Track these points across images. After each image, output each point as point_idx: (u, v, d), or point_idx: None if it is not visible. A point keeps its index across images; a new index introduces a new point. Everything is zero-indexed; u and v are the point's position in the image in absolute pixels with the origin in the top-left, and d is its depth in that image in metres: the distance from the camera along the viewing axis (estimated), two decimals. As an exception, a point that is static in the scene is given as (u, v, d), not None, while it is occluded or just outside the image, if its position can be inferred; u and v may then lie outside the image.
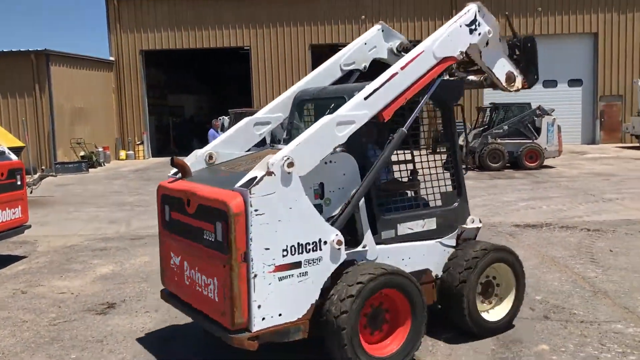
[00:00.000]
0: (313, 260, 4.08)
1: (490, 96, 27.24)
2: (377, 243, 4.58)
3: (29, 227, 8.66)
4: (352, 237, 4.45)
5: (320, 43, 28.98)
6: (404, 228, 4.77)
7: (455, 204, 5.11)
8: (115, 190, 16.63)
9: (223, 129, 20.36)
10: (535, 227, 9.70)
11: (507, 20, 6.24)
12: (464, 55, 4.96)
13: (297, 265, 4.03)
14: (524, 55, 5.56)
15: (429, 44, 4.73)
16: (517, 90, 5.54)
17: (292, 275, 4.01)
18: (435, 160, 5.40)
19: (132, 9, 29.02)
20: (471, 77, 5.69)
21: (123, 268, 7.81)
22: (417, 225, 4.85)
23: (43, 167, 21.63)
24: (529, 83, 5.56)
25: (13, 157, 8.54)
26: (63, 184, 18.51)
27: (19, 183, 8.32)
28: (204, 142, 31.71)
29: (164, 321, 5.66)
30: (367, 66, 5.64)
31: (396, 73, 4.51)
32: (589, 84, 28.84)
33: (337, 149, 4.33)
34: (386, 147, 4.49)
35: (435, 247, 4.90)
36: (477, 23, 4.97)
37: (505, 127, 18.83)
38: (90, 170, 22.89)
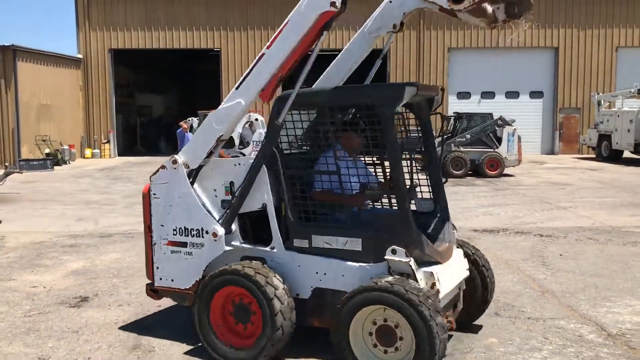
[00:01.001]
0: (196, 244, 4.86)
1: (455, 106, 28.02)
2: (289, 249, 4.61)
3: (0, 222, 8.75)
4: (268, 237, 4.73)
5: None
6: (319, 241, 4.49)
7: (390, 230, 4.38)
8: (82, 189, 16.64)
9: (192, 130, 20.52)
10: (492, 232, 10.19)
11: None
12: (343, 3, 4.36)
13: (184, 244, 4.91)
14: None
15: (295, 10, 4.49)
16: (470, 6, 4.22)
17: (180, 251, 4.93)
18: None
19: (101, 7, 28.90)
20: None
21: (94, 264, 7.99)
22: (337, 242, 4.43)
23: (7, 164, 21.42)
24: None
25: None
26: (28, 181, 18.38)
27: (-10, 179, 8.41)
28: (170, 142, 31.83)
29: (137, 314, 5.89)
30: (400, 23, 4.70)
31: (263, 54, 4.59)
32: (549, 96, 29.87)
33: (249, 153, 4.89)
34: (264, 141, 4.80)
35: (358, 271, 4.36)
36: None
37: (468, 136, 19.46)
38: (55, 168, 22.73)
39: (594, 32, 29.32)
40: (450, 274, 4.62)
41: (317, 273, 4.50)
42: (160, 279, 5.05)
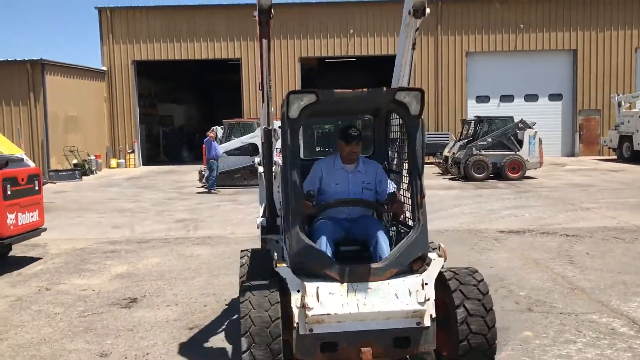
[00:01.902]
0: None
1: (474, 109, 28.19)
2: None
3: (45, 229, 9.16)
4: None
5: (310, 56, 29.73)
6: None
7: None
8: (112, 198, 17.08)
9: (216, 139, 20.94)
10: (518, 233, 10.39)
11: None
12: None
13: None
14: None
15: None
16: None
17: None
18: None
19: (124, 20, 29.55)
20: None
21: (136, 268, 8.34)
22: None
23: (38, 175, 21.96)
24: None
25: (31, 163, 9.07)
26: (59, 191, 18.90)
27: (36, 188, 8.82)
28: (193, 151, 32.25)
29: (186, 313, 6.21)
30: (414, 10, 4.38)
31: None
32: (569, 99, 29.88)
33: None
34: None
35: None
36: None
37: (489, 140, 19.65)
38: (83, 178, 23.26)
39: (612, 33, 29.30)
40: (358, 298, 3.93)
41: None
42: None
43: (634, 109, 26.58)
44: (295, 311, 3.86)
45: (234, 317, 5.93)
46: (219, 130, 20.96)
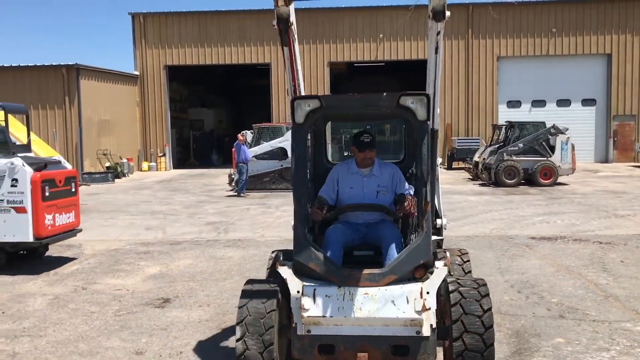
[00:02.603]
0: None
1: (505, 114, 27.90)
2: None
3: (81, 230, 9.39)
4: None
5: (339, 60, 29.81)
6: None
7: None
8: (144, 200, 17.37)
9: (245, 143, 21.16)
10: (550, 239, 10.27)
11: None
12: None
13: None
14: None
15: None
16: None
17: None
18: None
19: (157, 25, 30.08)
20: None
21: (169, 269, 8.49)
22: None
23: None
24: None
25: (68, 165, 9.30)
26: (92, 193, 19.31)
27: (73, 190, 9.05)
28: (223, 155, 32.59)
29: (218, 314, 6.31)
30: (435, 12, 4.14)
31: None
32: (602, 104, 29.38)
33: None
34: None
35: None
36: None
37: (521, 145, 19.44)
38: (115, 180, 23.72)
39: (648, 37, 28.76)
40: (354, 302, 3.93)
41: None
42: None
43: (670, 114, 26.04)
44: (294, 311, 3.96)
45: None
46: (248, 135, 21.17)
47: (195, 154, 34.73)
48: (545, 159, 19.32)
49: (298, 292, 3.97)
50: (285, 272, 4.09)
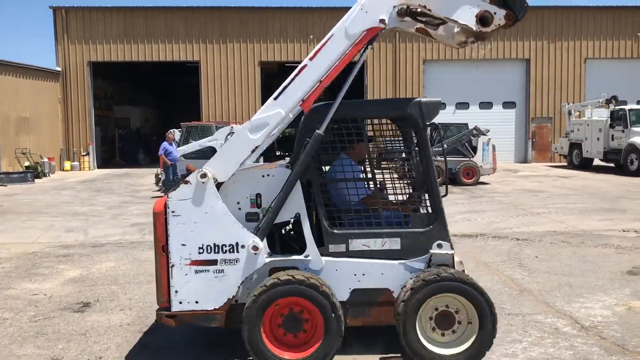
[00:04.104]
0: (230, 260, 4.61)
1: (431, 116, 28.62)
2: (325, 255, 4.78)
3: (-6, 233, 8.93)
4: (300, 247, 4.81)
5: (270, 60, 29.76)
6: (357, 244, 4.80)
7: (427, 228, 4.87)
8: (66, 201, 16.73)
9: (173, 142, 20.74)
10: (471, 236, 10.66)
11: None
12: (387, 23, 4.59)
13: (213, 262, 4.61)
14: None
15: (340, 25, 4.62)
16: (495, 29, 4.59)
17: (208, 270, 4.62)
18: (406, 179, 5.47)
19: (80, 19, 29.01)
20: (440, 32, 4.94)
21: (90, 272, 8.22)
22: (375, 244, 4.81)
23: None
24: (517, 13, 4.59)
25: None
26: (10, 194, 18.42)
27: (-14, 190, 8.60)
28: (149, 154, 31.84)
29: (140, 317, 6.18)
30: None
31: (305, 65, 4.63)
32: (522, 106, 30.74)
33: (281, 164, 4.84)
34: (302, 151, 4.65)
35: (398, 267, 4.80)
36: None
37: (444, 146, 20.00)
38: (35, 180, 22.70)
39: (563, 44, 30.33)
40: None
41: (355, 274, 4.78)
42: (180, 302, 4.61)
43: (583, 117, 27.54)
44: None
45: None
46: (176, 133, 20.77)
47: (121, 153, 33.75)
48: (467, 159, 19.99)
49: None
50: (455, 255, 4.88)
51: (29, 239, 10.87)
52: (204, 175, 4.58)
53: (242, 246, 4.61)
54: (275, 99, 4.64)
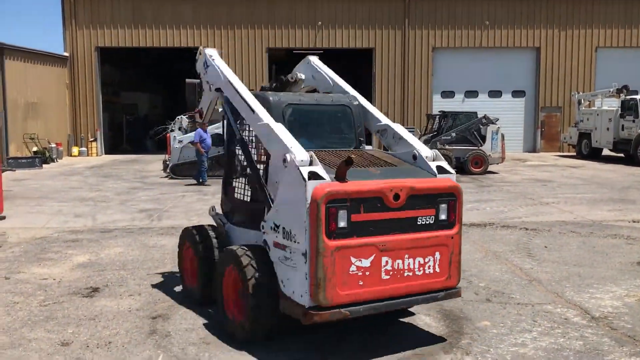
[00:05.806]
0: None
1: (439, 104, 28.53)
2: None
3: (4, 218, 9.01)
4: None
5: (277, 47, 29.60)
6: None
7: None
8: (74, 186, 16.77)
9: (180, 129, 20.77)
10: (479, 226, 10.61)
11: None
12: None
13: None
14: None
15: None
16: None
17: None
18: None
19: (88, 5, 28.88)
20: None
21: (99, 257, 8.25)
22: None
23: (-4, 162, 21.40)
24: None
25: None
26: (18, 179, 18.47)
27: (-5, 175, 8.62)
28: (157, 140, 31.81)
29: (148, 302, 6.18)
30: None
31: None
32: (531, 95, 30.50)
33: None
34: None
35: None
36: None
37: (453, 134, 19.93)
38: (43, 166, 22.76)
39: (574, 32, 30.01)
40: None
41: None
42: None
43: (593, 107, 27.31)
44: None
45: (198, 306, 5.95)
46: (184, 120, 20.72)
47: (128, 140, 33.76)
48: (476, 148, 19.89)
49: None
50: None
51: (37, 224, 10.90)
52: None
53: None
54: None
